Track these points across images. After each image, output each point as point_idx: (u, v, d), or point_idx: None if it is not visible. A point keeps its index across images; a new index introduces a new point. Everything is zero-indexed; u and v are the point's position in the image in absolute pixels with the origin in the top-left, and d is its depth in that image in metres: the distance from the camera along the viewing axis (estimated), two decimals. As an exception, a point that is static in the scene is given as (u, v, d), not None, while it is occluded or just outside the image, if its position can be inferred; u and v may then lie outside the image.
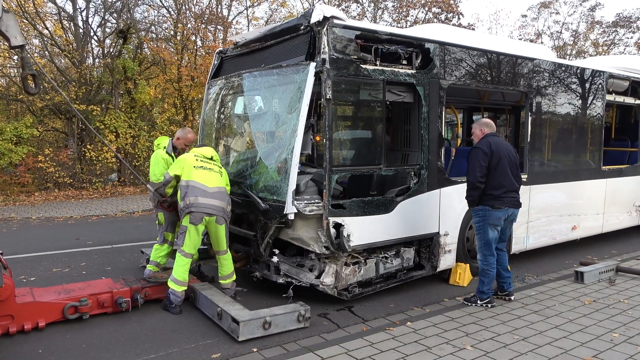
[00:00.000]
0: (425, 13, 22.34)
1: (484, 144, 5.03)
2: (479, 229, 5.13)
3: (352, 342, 4.17)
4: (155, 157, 5.73)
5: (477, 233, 5.19)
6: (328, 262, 5.07)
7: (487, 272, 5.11)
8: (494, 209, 5.01)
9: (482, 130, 5.22)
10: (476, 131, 5.27)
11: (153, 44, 17.80)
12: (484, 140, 5.09)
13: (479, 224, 5.11)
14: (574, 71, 7.46)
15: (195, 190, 4.90)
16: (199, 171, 5.00)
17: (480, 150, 4.99)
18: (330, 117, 4.81)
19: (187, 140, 5.88)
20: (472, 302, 5.17)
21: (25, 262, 7.08)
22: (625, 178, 8.53)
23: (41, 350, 4.14)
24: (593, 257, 7.47)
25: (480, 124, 5.30)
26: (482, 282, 5.14)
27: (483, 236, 5.10)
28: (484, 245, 5.11)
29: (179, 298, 4.96)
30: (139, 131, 16.23)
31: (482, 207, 5.04)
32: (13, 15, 3.95)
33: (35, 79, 4.15)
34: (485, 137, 5.15)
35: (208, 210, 4.88)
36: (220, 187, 5.04)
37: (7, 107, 17.13)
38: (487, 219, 5.03)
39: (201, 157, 5.14)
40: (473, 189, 4.99)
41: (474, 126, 5.35)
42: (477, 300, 5.15)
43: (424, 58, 5.57)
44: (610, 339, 4.29)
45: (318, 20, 4.75)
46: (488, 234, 5.06)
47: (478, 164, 4.94)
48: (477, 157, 4.97)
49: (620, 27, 26.16)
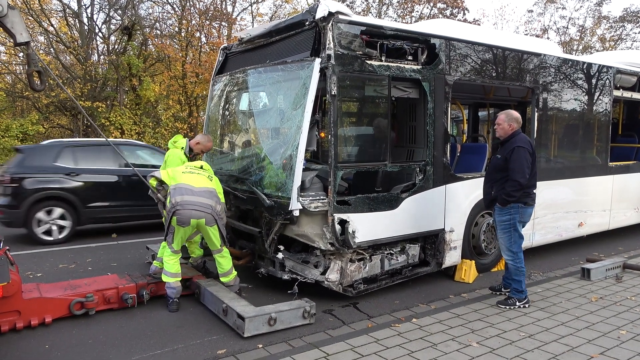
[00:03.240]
0: (431, 9, 22.25)
1: (526, 143, 4.89)
2: (508, 227, 4.98)
3: (358, 339, 4.17)
4: (174, 155, 5.75)
5: (504, 231, 5.02)
6: (333, 259, 5.06)
7: (521, 270, 4.99)
8: (527, 206, 4.95)
9: (511, 125, 4.98)
10: (504, 125, 5.00)
11: (157, 40, 17.84)
12: (524, 139, 4.93)
13: (509, 222, 4.96)
14: (580, 66, 7.39)
15: (181, 190, 4.93)
16: (187, 175, 5.08)
17: (526, 150, 4.84)
18: (336, 113, 4.79)
19: (206, 147, 5.98)
20: (510, 305, 4.98)
21: (32, 258, 7.12)
22: (633, 174, 8.46)
23: (48, 346, 4.16)
24: (600, 253, 7.43)
25: (509, 118, 5.00)
26: (519, 281, 5.00)
27: (513, 234, 4.97)
28: (514, 243, 4.99)
29: (174, 290, 4.99)
30: (144, 127, 16.29)
31: (516, 204, 4.89)
32: (18, 12, 3.95)
33: (40, 75, 4.16)
34: (518, 134, 4.96)
35: (194, 207, 4.85)
36: (208, 187, 5.04)
37: (13, 104, 17.23)
38: (519, 216, 4.94)
39: (191, 166, 5.27)
40: (518, 189, 4.81)
41: (502, 119, 5.03)
42: (515, 302, 4.98)
43: (430, 54, 5.53)
44: (617, 336, 4.26)
45: (323, 15, 4.73)
46: (518, 231, 4.97)
47: (527, 164, 4.80)
48: (525, 158, 4.81)
49: (628, 22, 25.95)
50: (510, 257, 5.04)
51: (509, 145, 4.93)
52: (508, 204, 4.89)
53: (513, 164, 4.81)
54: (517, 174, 4.78)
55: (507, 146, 4.95)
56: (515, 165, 4.80)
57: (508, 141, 4.97)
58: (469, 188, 6.00)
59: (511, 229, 4.98)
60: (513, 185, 4.80)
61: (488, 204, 5.23)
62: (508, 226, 4.99)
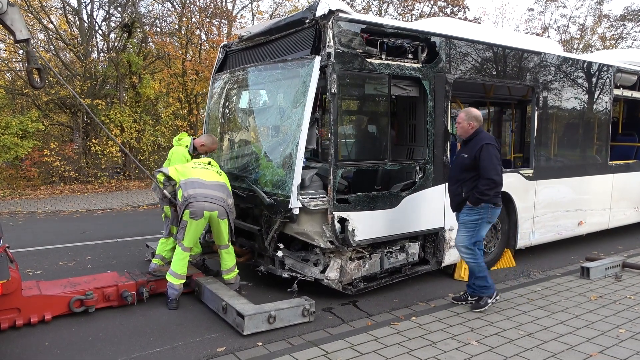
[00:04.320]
0: (431, 7, 22.19)
1: (493, 140, 4.78)
2: (474, 227, 4.82)
3: (357, 337, 4.17)
4: (178, 153, 5.78)
5: (469, 230, 4.84)
6: (333, 257, 5.07)
7: (481, 265, 4.88)
8: (496, 207, 4.82)
9: (470, 124, 4.85)
10: (464, 124, 4.87)
11: (157, 38, 17.80)
12: (488, 136, 4.84)
13: (476, 221, 4.81)
14: (581, 65, 7.39)
15: (193, 183, 4.97)
16: (197, 169, 5.14)
17: (494, 147, 4.71)
18: (336, 112, 4.78)
19: (210, 149, 6.01)
20: (482, 306, 4.87)
21: (32, 256, 7.12)
22: (632, 173, 8.47)
23: (47, 343, 4.16)
24: (599, 252, 7.43)
25: (469, 117, 4.86)
26: (483, 277, 4.87)
27: (477, 234, 4.84)
28: (477, 242, 4.86)
29: (176, 291, 4.98)
30: (143, 125, 16.25)
31: (486, 205, 4.74)
32: (18, 9, 3.94)
33: (40, 72, 4.16)
34: (481, 132, 4.85)
35: (207, 199, 4.89)
36: (219, 181, 5.10)
37: (12, 102, 17.18)
38: (488, 217, 4.81)
39: (199, 162, 5.32)
40: (494, 187, 4.66)
41: (462, 117, 4.89)
42: (487, 301, 4.89)
43: (430, 52, 5.53)
44: (616, 334, 4.27)
45: (323, 13, 4.72)
46: (483, 231, 4.87)
47: (498, 161, 4.67)
48: (495, 155, 4.68)
49: (629, 20, 25.87)
50: (468, 253, 4.88)
51: (474, 143, 4.78)
52: (481, 203, 4.73)
53: (484, 162, 4.66)
54: (491, 172, 4.64)
55: (472, 145, 4.80)
56: (487, 163, 4.65)
57: (472, 140, 4.83)
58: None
59: (476, 229, 4.83)
60: (487, 183, 4.65)
61: (457, 206, 4.98)
62: (474, 226, 4.82)
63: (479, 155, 4.69)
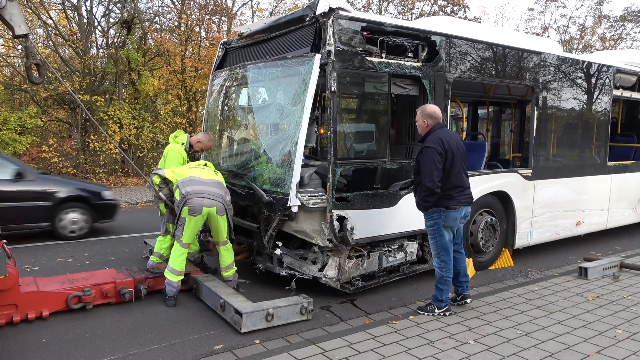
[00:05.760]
0: (431, 6, 22.18)
1: (435, 142, 4.42)
2: (434, 233, 4.63)
3: (355, 335, 4.17)
4: (174, 151, 5.77)
5: (431, 238, 4.70)
6: (331, 255, 5.06)
7: (445, 279, 4.67)
8: (450, 210, 4.53)
9: (425, 122, 4.60)
10: (420, 122, 4.65)
11: (157, 34, 17.75)
12: (434, 137, 4.47)
13: (433, 227, 4.61)
14: (580, 65, 7.39)
15: (191, 181, 5.00)
16: (193, 169, 5.20)
17: (434, 150, 4.38)
18: (335, 110, 4.78)
19: (206, 147, 6.04)
20: (428, 311, 4.69)
21: (29, 252, 7.11)
22: (631, 174, 8.48)
23: (45, 340, 4.16)
24: (597, 253, 7.44)
25: (423, 114, 4.62)
26: (441, 290, 4.67)
27: (439, 240, 4.62)
28: (442, 249, 4.63)
29: (174, 289, 4.97)
30: (142, 122, 16.23)
31: (437, 208, 4.53)
32: (17, 4, 3.92)
33: (39, 68, 4.14)
34: (433, 132, 4.54)
35: (205, 196, 4.90)
36: (216, 179, 5.14)
37: (11, 97, 17.13)
38: (442, 221, 4.56)
39: (195, 164, 5.42)
40: (431, 195, 4.40)
41: (418, 115, 4.68)
42: (434, 309, 4.67)
43: (430, 51, 5.52)
44: (613, 335, 4.27)
45: (324, 11, 4.71)
46: (444, 237, 4.61)
47: (434, 166, 4.36)
48: (432, 159, 4.37)
49: (628, 21, 25.88)
50: (438, 264, 4.69)
51: (423, 144, 4.58)
52: (426, 210, 4.58)
53: (422, 166, 4.46)
54: (425, 178, 4.40)
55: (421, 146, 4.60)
56: (423, 168, 4.44)
57: (424, 140, 4.60)
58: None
59: (436, 235, 4.63)
60: (424, 190, 4.44)
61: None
62: (433, 232, 4.65)
63: (419, 159, 4.53)
